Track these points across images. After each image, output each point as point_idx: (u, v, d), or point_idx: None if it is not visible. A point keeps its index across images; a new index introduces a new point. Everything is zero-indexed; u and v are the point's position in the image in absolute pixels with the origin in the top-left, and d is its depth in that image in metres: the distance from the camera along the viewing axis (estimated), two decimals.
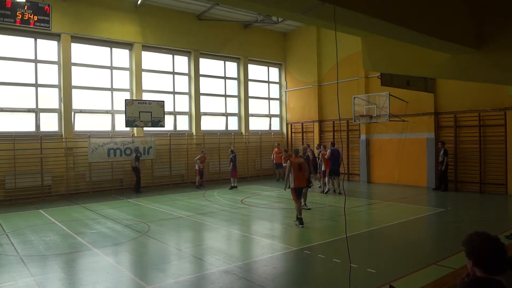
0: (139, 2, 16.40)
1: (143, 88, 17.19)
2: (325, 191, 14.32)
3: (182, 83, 18.74)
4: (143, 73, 17.22)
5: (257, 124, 21.48)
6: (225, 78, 20.27)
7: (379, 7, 5.12)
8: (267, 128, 22.02)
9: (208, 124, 19.45)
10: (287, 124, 22.15)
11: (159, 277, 6.08)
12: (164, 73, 18.24)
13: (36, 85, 14.93)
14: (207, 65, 19.50)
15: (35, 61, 14.94)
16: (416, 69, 8.25)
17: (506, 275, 2.35)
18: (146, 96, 17.17)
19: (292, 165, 9.34)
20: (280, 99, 22.48)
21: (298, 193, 9.45)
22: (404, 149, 16.59)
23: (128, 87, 17.09)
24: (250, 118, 20.95)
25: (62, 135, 15.27)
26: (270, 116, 22.15)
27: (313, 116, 20.36)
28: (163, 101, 16.74)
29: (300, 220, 9.24)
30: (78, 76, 15.78)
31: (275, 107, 22.43)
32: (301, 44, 21.18)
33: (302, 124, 21.18)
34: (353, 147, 18.69)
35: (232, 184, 16.59)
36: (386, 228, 9.24)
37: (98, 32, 15.89)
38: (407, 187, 15.68)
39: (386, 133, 17.24)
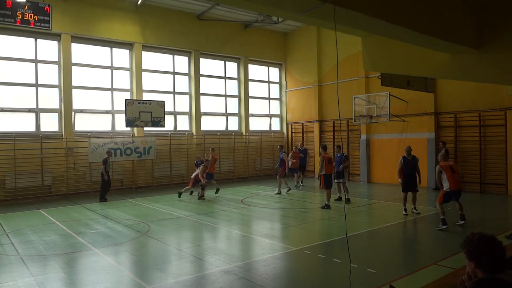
0: (139, 2, 16.40)
1: (143, 88, 17.19)
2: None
3: (182, 83, 18.75)
4: (143, 73, 17.23)
5: (257, 124, 21.48)
6: (225, 78, 20.28)
7: (379, 7, 5.12)
8: (267, 128, 22.02)
9: (208, 124, 19.46)
10: (287, 124, 22.15)
11: (159, 277, 6.09)
12: (164, 73, 18.25)
13: (36, 85, 14.94)
14: (207, 65, 19.50)
15: (36, 61, 14.95)
16: (416, 69, 8.26)
17: (506, 273, 2.36)
18: (146, 96, 17.17)
19: (323, 159, 11.61)
20: (280, 99, 22.48)
21: (327, 181, 11.58)
22: (404, 149, 16.55)
23: (128, 87, 17.09)
24: (250, 118, 20.96)
25: (62, 135, 15.27)
26: (270, 116, 22.15)
27: (313, 116, 20.36)
28: (163, 101, 16.74)
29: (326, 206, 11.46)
30: (78, 76, 15.78)
31: (275, 107, 22.43)
32: (301, 44, 21.18)
33: (302, 124, 21.18)
34: (353, 147, 18.69)
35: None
36: (386, 228, 9.24)
37: (99, 32, 15.90)
38: None
39: (386, 133, 17.24)
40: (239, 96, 20.68)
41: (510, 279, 2.31)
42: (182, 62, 18.71)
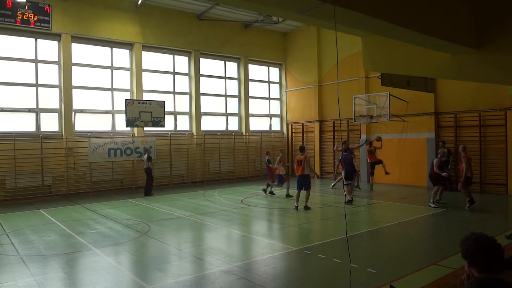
0: (139, 2, 16.40)
1: (144, 88, 17.19)
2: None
3: (183, 83, 18.75)
4: (144, 73, 17.23)
5: (257, 124, 21.48)
6: (225, 78, 20.28)
7: (379, 7, 5.12)
8: (268, 128, 22.02)
9: (209, 124, 19.46)
10: (287, 124, 22.15)
11: (160, 277, 6.09)
12: (164, 73, 18.25)
13: (36, 85, 14.94)
14: (207, 65, 19.50)
15: (36, 61, 14.95)
16: (416, 69, 8.26)
17: (506, 274, 2.35)
18: (146, 96, 17.18)
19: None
20: (280, 99, 22.48)
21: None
22: (405, 149, 16.58)
23: (128, 87, 17.10)
24: (251, 118, 20.96)
25: (62, 135, 15.28)
26: (270, 116, 22.14)
27: (314, 116, 20.36)
28: (164, 101, 16.74)
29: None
30: (78, 76, 15.79)
31: (275, 107, 22.43)
32: (301, 44, 21.18)
33: (303, 124, 21.18)
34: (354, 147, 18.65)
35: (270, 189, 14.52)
36: (386, 228, 9.25)
37: (99, 32, 15.90)
38: (407, 187, 15.68)
39: (387, 133, 17.23)
40: (239, 96, 20.68)
41: (508, 279, 2.30)
42: (182, 62, 18.71)
